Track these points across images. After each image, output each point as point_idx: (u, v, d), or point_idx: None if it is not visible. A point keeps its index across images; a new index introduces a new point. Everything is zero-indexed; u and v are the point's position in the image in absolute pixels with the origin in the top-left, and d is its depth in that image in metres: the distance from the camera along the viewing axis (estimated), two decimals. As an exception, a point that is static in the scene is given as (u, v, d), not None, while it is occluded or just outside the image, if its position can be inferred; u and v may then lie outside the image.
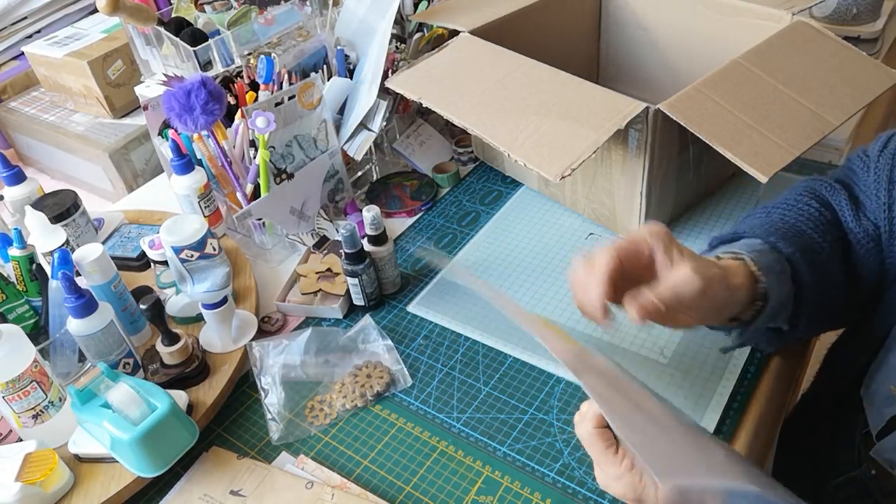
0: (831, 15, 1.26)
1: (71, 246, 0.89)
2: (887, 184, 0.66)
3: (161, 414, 0.67)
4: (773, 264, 0.62)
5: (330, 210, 1.03)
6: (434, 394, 0.78)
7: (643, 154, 0.82)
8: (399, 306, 0.90)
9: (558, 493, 0.66)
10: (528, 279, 0.90)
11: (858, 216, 0.68)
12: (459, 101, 0.86)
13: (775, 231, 0.65)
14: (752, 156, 0.71)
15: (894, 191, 0.65)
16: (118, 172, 1.30)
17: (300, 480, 0.70)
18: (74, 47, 1.35)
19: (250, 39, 1.07)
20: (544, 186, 1.03)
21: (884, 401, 0.66)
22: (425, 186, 1.08)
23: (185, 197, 0.94)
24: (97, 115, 1.38)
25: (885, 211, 0.65)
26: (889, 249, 0.66)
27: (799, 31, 0.87)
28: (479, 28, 0.98)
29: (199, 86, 0.84)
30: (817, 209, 0.69)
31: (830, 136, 0.77)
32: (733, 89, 0.78)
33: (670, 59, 1.11)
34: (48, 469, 0.67)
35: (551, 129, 0.79)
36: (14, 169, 0.96)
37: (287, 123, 0.92)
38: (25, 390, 0.69)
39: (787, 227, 0.67)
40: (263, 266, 0.99)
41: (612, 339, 0.80)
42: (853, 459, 0.75)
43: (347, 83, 1.01)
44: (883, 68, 0.83)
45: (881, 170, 0.66)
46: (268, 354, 0.82)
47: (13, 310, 0.79)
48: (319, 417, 0.77)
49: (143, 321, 0.87)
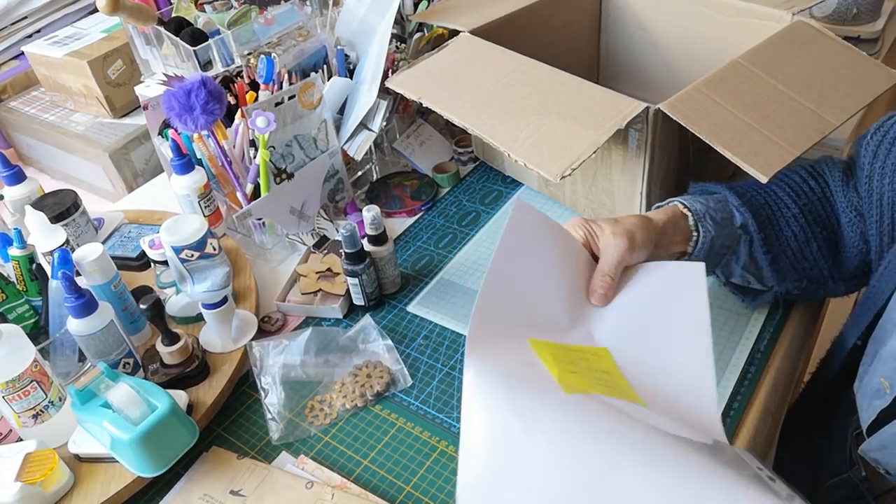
0: (831, 15, 1.26)
1: (71, 246, 0.89)
2: (871, 158, 0.71)
3: (161, 414, 0.67)
4: (711, 210, 0.72)
5: (330, 210, 1.03)
6: (434, 394, 0.78)
7: (643, 154, 0.82)
8: (399, 306, 0.90)
9: (558, 493, 0.66)
10: (528, 279, 0.90)
11: (847, 188, 0.74)
12: (459, 101, 0.86)
13: (734, 188, 0.75)
14: (752, 156, 0.71)
15: (876, 163, 0.71)
16: (118, 172, 1.30)
17: (300, 480, 0.70)
18: (74, 47, 1.35)
19: (250, 39, 1.07)
20: (544, 186, 1.03)
21: (874, 393, 0.66)
22: (425, 186, 1.08)
23: (185, 197, 0.94)
24: (97, 114, 1.38)
25: (866, 182, 0.72)
26: (869, 220, 0.73)
27: (799, 31, 0.87)
28: (479, 28, 0.98)
29: (199, 85, 0.84)
30: (801, 177, 0.77)
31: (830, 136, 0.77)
32: (733, 89, 0.78)
33: (670, 59, 1.11)
34: (48, 469, 0.67)
35: (551, 129, 0.79)
36: (14, 169, 0.96)
37: (287, 123, 0.92)
38: (25, 390, 0.69)
39: (750, 188, 0.76)
40: (263, 266, 0.99)
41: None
42: (846, 460, 0.75)
43: (347, 83, 1.01)
44: (883, 68, 0.83)
45: (870, 144, 0.72)
46: (268, 354, 0.82)
47: (13, 309, 0.79)
48: (319, 417, 0.77)
49: (143, 321, 0.87)
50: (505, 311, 0.59)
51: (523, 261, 0.62)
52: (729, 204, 0.74)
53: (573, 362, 0.58)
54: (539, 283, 0.62)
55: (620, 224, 0.65)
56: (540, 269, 0.63)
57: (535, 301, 0.62)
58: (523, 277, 0.62)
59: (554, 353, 0.58)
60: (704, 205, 0.72)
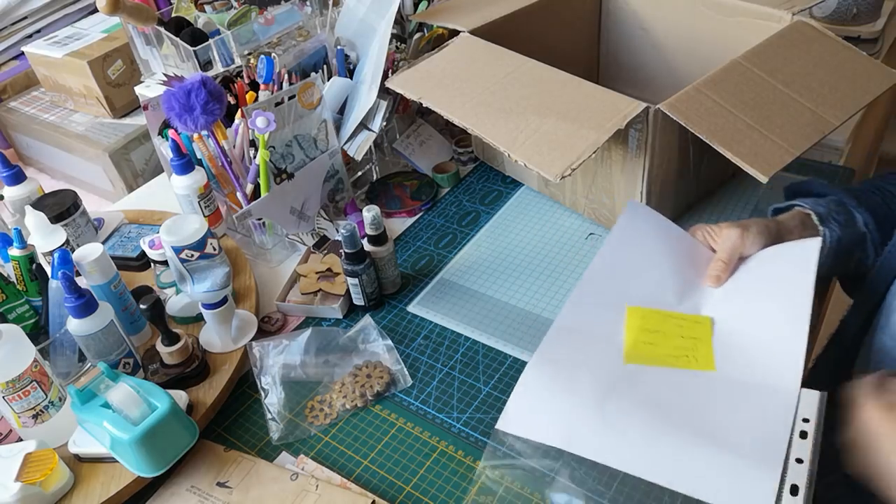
0: (831, 15, 1.26)
1: (71, 246, 0.89)
2: None
3: (161, 414, 0.67)
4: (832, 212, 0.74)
5: (330, 210, 1.03)
6: (434, 394, 0.78)
7: (643, 154, 0.82)
8: (399, 306, 0.90)
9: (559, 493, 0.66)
10: (528, 279, 0.90)
11: None
12: (459, 101, 0.87)
13: (847, 191, 0.77)
14: (752, 156, 0.71)
15: None
16: (118, 172, 1.30)
17: (285, 472, 0.70)
18: (74, 47, 1.35)
19: (250, 39, 1.07)
20: (544, 186, 1.03)
21: None
22: (425, 186, 1.08)
23: (185, 197, 0.94)
24: (97, 115, 1.38)
25: None
26: None
27: (799, 31, 0.87)
28: (479, 28, 0.98)
29: (199, 86, 0.84)
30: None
31: (830, 136, 0.77)
32: (733, 89, 0.78)
33: (670, 59, 1.11)
34: (48, 469, 0.67)
35: (551, 129, 0.79)
36: (14, 169, 0.96)
37: (287, 123, 0.92)
38: (25, 390, 0.69)
39: (862, 191, 0.78)
40: (263, 266, 0.99)
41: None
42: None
43: (347, 83, 1.01)
44: (883, 68, 0.83)
45: None
46: (268, 354, 0.82)
47: (13, 310, 0.79)
48: (319, 417, 0.77)
49: (143, 321, 0.87)
50: (609, 286, 0.73)
51: (633, 247, 0.75)
52: (846, 206, 0.76)
53: (660, 331, 0.69)
54: (649, 266, 0.74)
55: (738, 222, 0.73)
56: (650, 255, 0.74)
57: (643, 280, 0.73)
58: (633, 261, 0.74)
59: (646, 320, 0.70)
60: (825, 207, 0.75)
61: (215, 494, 0.69)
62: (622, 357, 0.67)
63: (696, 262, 0.75)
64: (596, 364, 0.66)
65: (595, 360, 0.67)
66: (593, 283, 0.73)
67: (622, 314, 0.71)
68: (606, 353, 0.68)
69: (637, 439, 0.60)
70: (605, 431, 0.61)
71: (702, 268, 0.74)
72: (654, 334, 0.69)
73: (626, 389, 0.64)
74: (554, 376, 0.66)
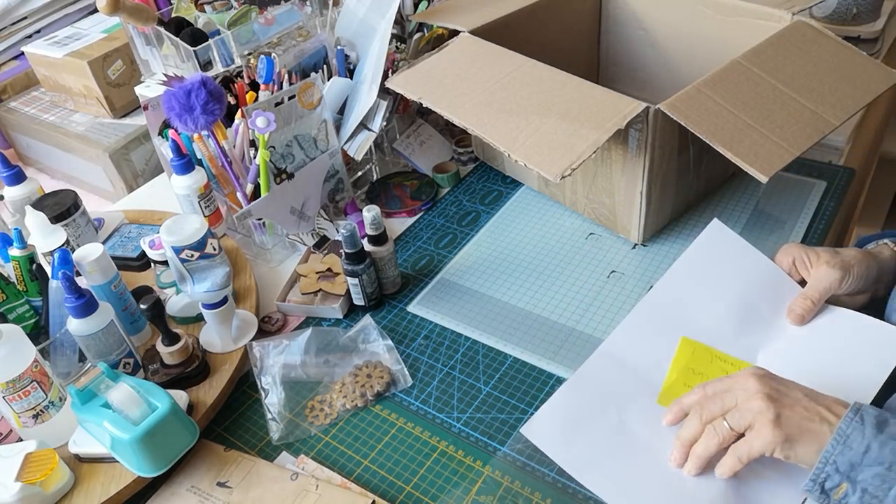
0: (831, 15, 1.26)
1: (71, 246, 0.89)
2: None
3: (161, 414, 0.67)
4: None
5: (330, 210, 1.03)
6: (434, 394, 0.78)
7: (643, 154, 0.82)
8: (399, 306, 0.90)
9: (558, 493, 0.66)
10: (529, 279, 0.90)
11: None
12: (459, 101, 0.87)
13: None
14: (752, 156, 0.71)
15: None
16: (118, 172, 1.30)
17: (285, 472, 0.70)
18: (74, 47, 1.35)
19: (250, 39, 1.07)
20: (544, 186, 1.03)
21: None
22: (425, 186, 1.08)
23: (185, 197, 0.94)
24: (97, 115, 1.38)
25: None
26: None
27: (799, 31, 0.87)
28: (479, 28, 0.98)
29: (199, 86, 0.84)
30: None
31: (830, 136, 0.77)
32: (733, 89, 0.78)
33: (670, 59, 1.11)
34: (48, 469, 0.67)
35: (551, 129, 0.79)
36: (14, 169, 0.96)
37: (287, 123, 0.92)
38: (26, 390, 0.69)
39: None
40: (263, 266, 0.99)
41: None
42: None
43: (347, 83, 1.01)
44: (883, 68, 0.84)
45: None
46: (268, 354, 0.82)
47: (13, 310, 0.79)
48: (320, 417, 0.77)
49: (143, 321, 0.87)
50: (668, 312, 0.72)
51: (704, 274, 0.73)
52: None
53: (703, 374, 0.68)
54: (715, 297, 0.72)
55: (839, 256, 0.69)
56: (720, 285, 0.73)
57: (706, 311, 0.71)
58: (699, 289, 0.73)
59: (694, 356, 0.69)
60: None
61: (215, 494, 0.69)
62: (657, 396, 0.68)
63: (772, 294, 0.72)
64: (628, 400, 0.67)
65: (628, 396, 0.67)
66: (653, 308, 0.72)
67: (674, 344, 0.70)
68: (642, 391, 0.68)
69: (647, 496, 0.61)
70: (617, 475, 0.62)
71: (779, 302, 0.71)
72: (695, 376, 0.68)
73: (650, 437, 0.64)
74: (582, 405, 0.67)
